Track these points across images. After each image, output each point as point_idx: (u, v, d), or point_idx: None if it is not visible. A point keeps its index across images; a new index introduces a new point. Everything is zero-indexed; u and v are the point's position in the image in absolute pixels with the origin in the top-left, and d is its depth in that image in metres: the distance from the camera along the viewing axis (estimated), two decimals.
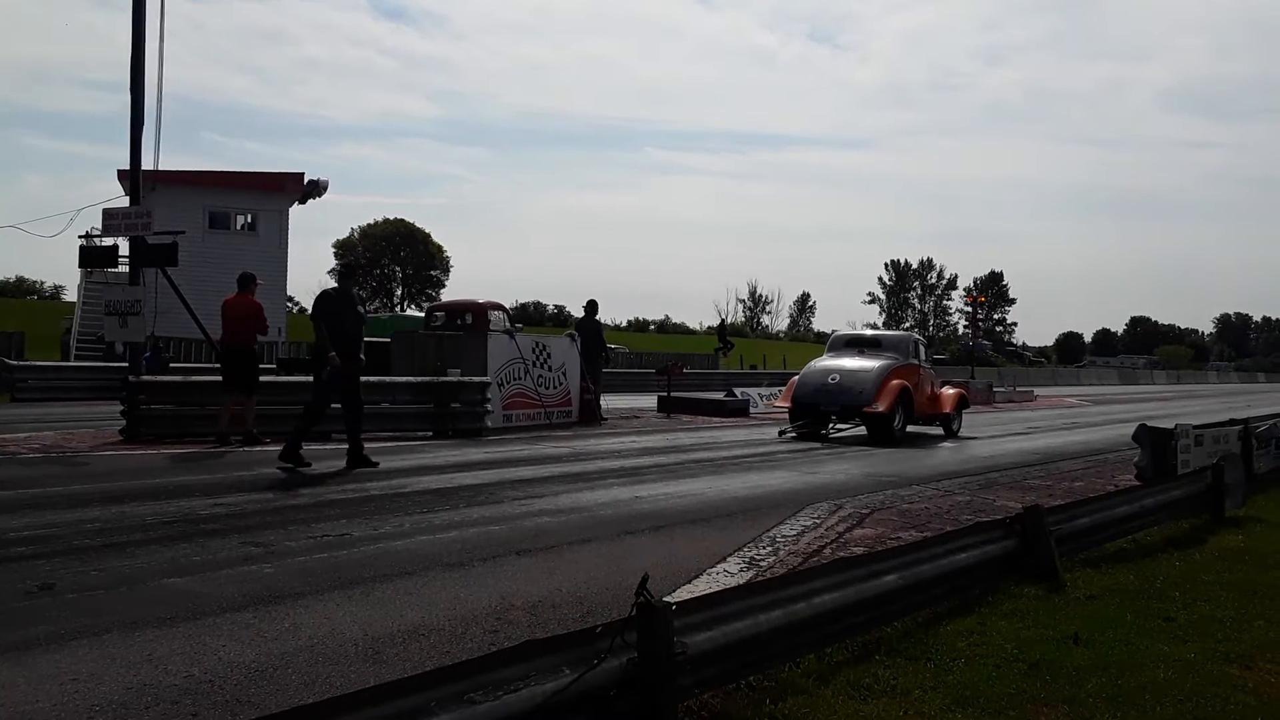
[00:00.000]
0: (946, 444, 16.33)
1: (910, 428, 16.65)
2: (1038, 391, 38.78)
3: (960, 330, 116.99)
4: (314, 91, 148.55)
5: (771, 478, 11.14)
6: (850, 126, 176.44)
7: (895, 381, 16.10)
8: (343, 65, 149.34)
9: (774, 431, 17.01)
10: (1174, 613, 5.41)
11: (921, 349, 17.94)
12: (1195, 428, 9.90)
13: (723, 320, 73.28)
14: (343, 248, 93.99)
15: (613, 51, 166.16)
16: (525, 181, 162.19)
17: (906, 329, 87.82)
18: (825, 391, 16.24)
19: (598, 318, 19.69)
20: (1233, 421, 10.97)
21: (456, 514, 8.14)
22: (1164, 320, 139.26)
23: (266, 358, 21.01)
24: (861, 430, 16.35)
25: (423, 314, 30.32)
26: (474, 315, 17.65)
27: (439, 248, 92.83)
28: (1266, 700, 4.12)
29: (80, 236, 15.54)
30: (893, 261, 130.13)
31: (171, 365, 22.97)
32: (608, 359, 22.42)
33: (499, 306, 18.47)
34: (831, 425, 16.63)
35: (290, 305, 55.69)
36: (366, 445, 10.91)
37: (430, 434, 14.43)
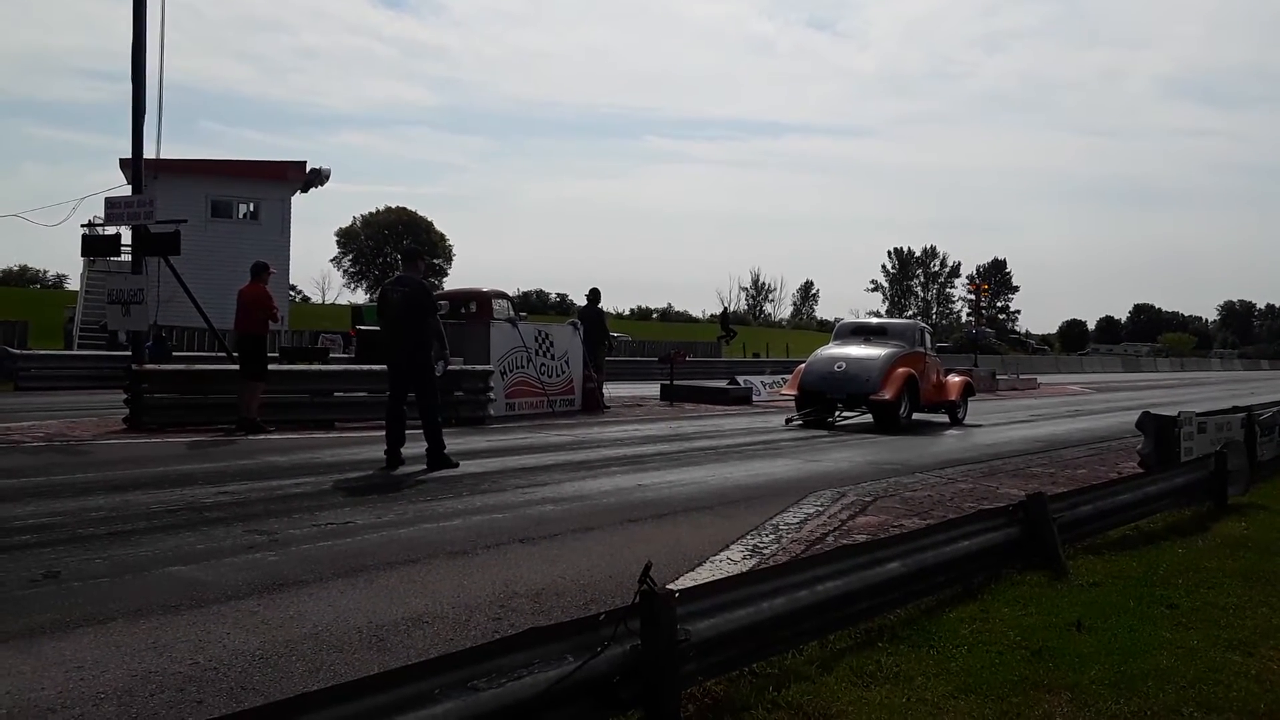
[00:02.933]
0: (951, 431, 16.33)
1: (916, 415, 16.66)
2: (1041, 379, 38.72)
3: (964, 318, 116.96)
4: (313, 80, 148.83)
5: (774, 465, 11.14)
6: (850, 114, 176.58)
7: (901, 369, 16.11)
8: (342, 54, 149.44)
9: (777, 419, 17.01)
10: (1177, 600, 5.41)
11: (927, 337, 17.94)
12: (1199, 415, 9.87)
13: (725, 308, 73.19)
14: (345, 236, 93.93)
15: (611, 40, 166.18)
16: (525, 170, 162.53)
17: (910, 317, 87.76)
18: (832, 379, 16.25)
19: (600, 305, 19.70)
20: (1236, 409, 10.95)
21: (460, 502, 8.14)
22: (1168, 308, 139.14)
23: (270, 346, 21.02)
24: (868, 418, 16.36)
25: None
26: (478, 304, 17.63)
27: (441, 236, 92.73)
28: (1269, 686, 4.12)
29: (83, 225, 15.51)
30: (896, 249, 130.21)
31: (175, 354, 22.98)
32: (611, 347, 22.41)
33: (503, 295, 18.45)
34: (838, 412, 16.65)
35: (293, 294, 55.74)
36: (364, 434, 10.83)
37: None
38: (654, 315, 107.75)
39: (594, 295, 19.61)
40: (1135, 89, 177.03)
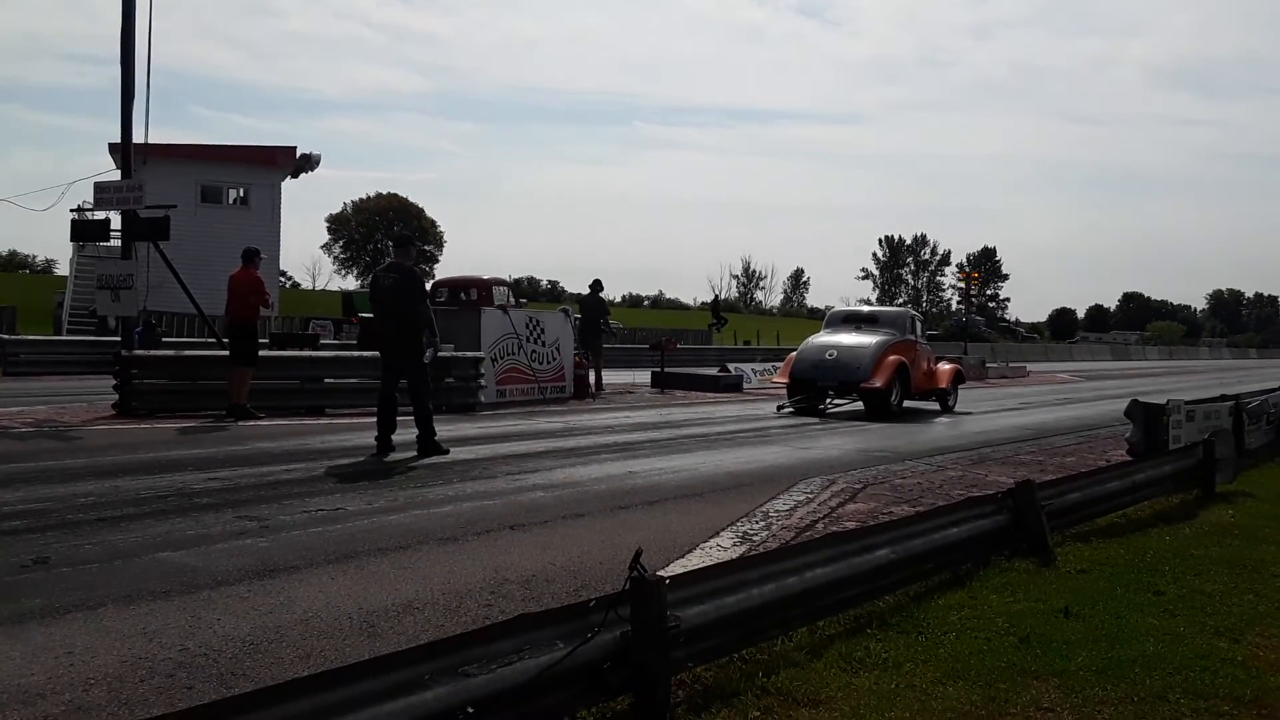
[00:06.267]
0: (941, 419, 16.38)
1: (906, 403, 16.70)
2: (1030, 367, 38.84)
3: (953, 306, 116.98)
4: (302, 65, 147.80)
5: (765, 453, 11.16)
6: (841, 101, 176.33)
7: (892, 357, 16.15)
8: (331, 39, 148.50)
9: (768, 407, 17.03)
10: (1164, 586, 5.45)
11: (918, 325, 17.96)
12: (1187, 403, 9.92)
13: (716, 296, 73.27)
14: (336, 222, 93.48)
15: (602, 26, 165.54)
16: (515, 156, 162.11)
17: (900, 305, 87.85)
18: (823, 367, 16.29)
19: (602, 295, 19.94)
20: (1224, 397, 11.01)
21: (450, 489, 8.14)
22: (1156, 296, 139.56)
23: (261, 332, 20.97)
24: (858, 405, 16.40)
25: None
26: (478, 291, 17.65)
27: (432, 222, 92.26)
28: (1255, 672, 4.16)
29: (72, 210, 15.47)
30: (886, 237, 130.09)
31: (164, 340, 22.89)
32: (613, 335, 22.67)
33: (502, 282, 18.50)
34: (829, 400, 16.68)
35: (283, 280, 55.59)
36: (355, 420, 10.80)
37: None
38: (645, 302, 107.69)
39: (596, 285, 20.16)
40: (1125, 78, 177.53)
